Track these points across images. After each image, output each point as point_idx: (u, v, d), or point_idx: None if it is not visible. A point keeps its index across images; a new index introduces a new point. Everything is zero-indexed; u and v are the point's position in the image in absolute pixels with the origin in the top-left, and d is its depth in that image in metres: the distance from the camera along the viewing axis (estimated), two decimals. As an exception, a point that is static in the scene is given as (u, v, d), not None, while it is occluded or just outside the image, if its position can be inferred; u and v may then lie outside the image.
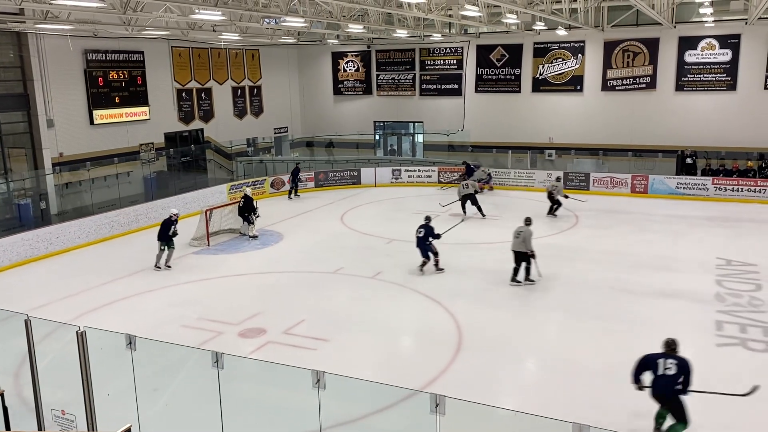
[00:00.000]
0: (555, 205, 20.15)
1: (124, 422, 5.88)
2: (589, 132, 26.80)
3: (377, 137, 32.41)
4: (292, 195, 24.11)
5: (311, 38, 29.25)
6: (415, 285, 13.70)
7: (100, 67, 23.05)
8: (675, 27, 24.35)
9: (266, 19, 19.30)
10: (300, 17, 18.58)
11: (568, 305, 12.60)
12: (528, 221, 13.99)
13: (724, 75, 24.39)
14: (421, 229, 14.44)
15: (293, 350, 10.52)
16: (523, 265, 13.56)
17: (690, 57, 24.85)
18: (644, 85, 25.81)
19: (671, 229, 18.43)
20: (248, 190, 18.81)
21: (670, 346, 7.80)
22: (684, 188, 22.70)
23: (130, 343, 6.70)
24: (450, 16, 21.20)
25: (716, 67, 24.47)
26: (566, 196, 20.49)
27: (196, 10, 15.77)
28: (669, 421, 7.83)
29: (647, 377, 7.80)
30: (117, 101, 23.75)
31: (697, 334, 11.00)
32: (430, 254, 14.51)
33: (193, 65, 27.28)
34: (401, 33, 25.20)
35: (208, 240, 17.49)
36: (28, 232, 16.68)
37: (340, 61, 32.35)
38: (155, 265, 15.27)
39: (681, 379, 7.61)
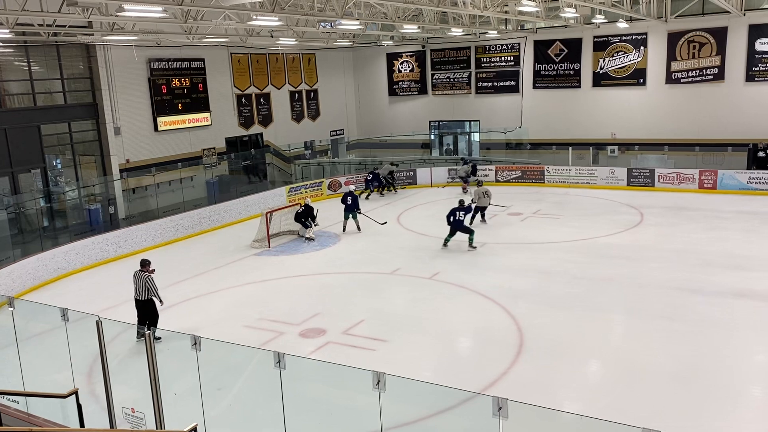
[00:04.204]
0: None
1: (190, 421, 6.02)
2: (654, 126, 25.91)
3: (433, 137, 32.28)
4: (385, 192, 24.82)
5: (366, 40, 29.39)
6: (474, 285, 13.54)
7: (163, 75, 23.80)
8: (744, 15, 23.26)
9: (322, 23, 19.51)
10: (355, 20, 18.72)
11: (632, 305, 12.20)
12: (480, 183, 18.65)
13: (799, 63, 23.16)
14: (460, 213, 16.07)
15: (353, 350, 10.56)
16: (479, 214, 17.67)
17: (761, 45, 23.67)
18: (711, 77, 24.76)
19: (743, 226, 17.60)
20: (309, 200, 19.06)
21: None
22: (756, 183, 21.65)
23: (195, 343, 6.85)
24: (506, 12, 20.89)
25: (790, 55, 23.26)
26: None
27: (254, 17, 16.09)
28: None
29: None
30: (180, 108, 24.46)
31: (773, 336, 10.48)
32: (461, 233, 16.10)
33: (252, 71, 27.83)
34: (456, 31, 25.03)
35: (268, 242, 17.79)
36: (98, 236, 17.36)
37: (395, 62, 32.38)
38: (343, 228, 18.60)
39: None
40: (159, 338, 9.43)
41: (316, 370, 7.83)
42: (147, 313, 11.34)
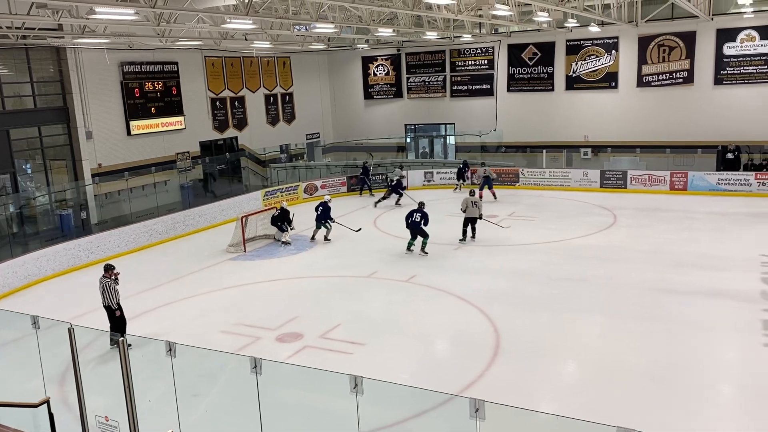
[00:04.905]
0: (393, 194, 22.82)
1: (165, 428, 5.95)
2: (626, 129, 26.31)
3: (409, 140, 32.38)
4: (363, 194, 25.04)
5: (341, 44, 29.40)
6: (450, 288, 13.59)
7: (135, 78, 23.53)
8: (712, 19, 23.75)
9: (297, 26, 19.47)
10: (330, 23, 18.71)
11: (607, 306, 12.36)
12: (473, 192, 17.60)
13: (766, 67, 23.69)
14: (417, 214, 15.92)
15: (330, 354, 10.53)
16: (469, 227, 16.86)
17: (729, 50, 24.21)
18: (681, 80, 25.24)
19: (713, 226, 17.96)
20: (285, 203, 18.97)
21: None
22: (726, 184, 22.10)
23: (170, 349, 6.77)
24: (480, 16, 21.06)
25: (757, 59, 23.79)
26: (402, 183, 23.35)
27: (228, 20, 15.99)
28: None
29: None
30: (153, 112, 24.21)
31: (743, 333, 10.69)
32: (419, 237, 15.99)
33: (226, 74, 27.65)
34: (431, 35, 25.15)
35: (244, 246, 17.67)
36: (69, 242, 17.08)
37: (370, 65, 32.43)
38: (312, 237, 18.14)
39: None
40: (129, 345, 9.29)
41: (292, 375, 7.78)
42: (112, 319, 11.16)
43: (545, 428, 6.09)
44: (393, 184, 23.51)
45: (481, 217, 17.17)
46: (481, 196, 21.90)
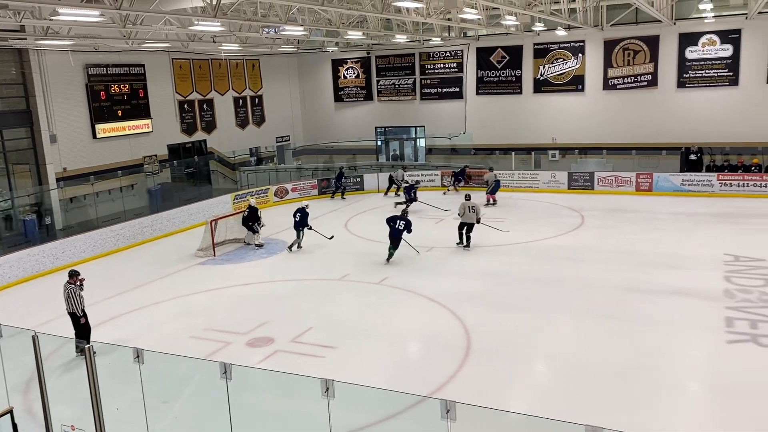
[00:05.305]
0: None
1: (133, 436, 5.86)
2: (592, 131, 26.74)
3: (379, 143, 32.43)
4: (335, 197, 24.94)
5: (311, 46, 29.32)
6: (422, 290, 13.65)
7: (101, 81, 23.14)
8: (675, 24, 24.30)
9: (265, 29, 19.35)
10: (299, 26, 18.65)
11: (576, 306, 12.54)
12: (468, 197, 17.04)
13: (726, 70, 24.32)
14: (400, 222, 15.51)
15: (302, 358, 10.48)
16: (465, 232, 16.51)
17: (691, 53, 24.79)
18: (645, 83, 25.75)
19: (678, 226, 18.34)
20: (252, 201, 18.84)
21: None
22: (689, 185, 22.61)
23: (138, 356, 6.68)
24: (449, 19, 21.21)
25: (717, 62, 24.40)
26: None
27: (196, 22, 15.82)
28: None
29: None
30: (119, 114, 23.83)
31: (707, 331, 10.94)
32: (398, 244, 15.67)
33: (194, 76, 27.36)
34: (400, 38, 25.24)
35: (213, 250, 17.49)
36: (33, 248, 16.69)
37: (340, 68, 32.40)
38: (289, 247, 17.49)
39: None
40: (94, 352, 9.12)
41: (263, 380, 7.73)
42: (77, 326, 10.95)
43: (516, 428, 6.15)
44: (407, 186, 22.82)
45: (479, 221, 16.77)
46: (495, 201, 22.30)
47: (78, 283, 11.07)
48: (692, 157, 23.93)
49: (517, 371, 9.90)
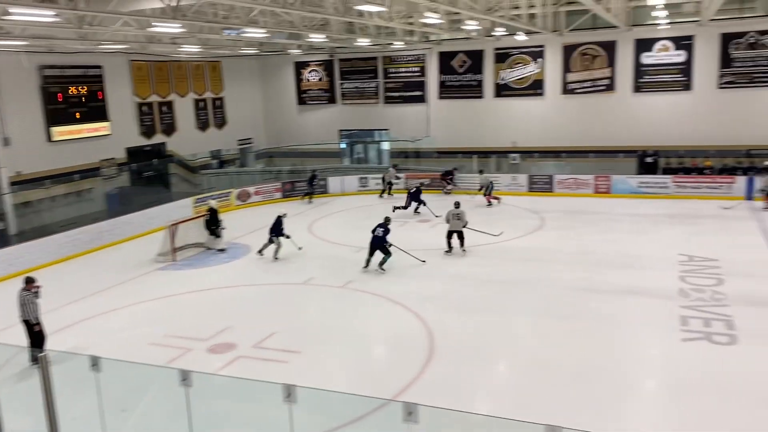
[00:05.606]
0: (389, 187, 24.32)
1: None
2: (552, 135, 27.18)
3: (343, 146, 32.39)
4: (315, 199, 24.71)
5: (273, 49, 29.13)
6: (386, 292, 13.67)
7: (57, 82, 22.60)
8: (631, 29, 24.88)
9: (226, 31, 19.17)
10: (261, 28, 18.51)
11: (537, 306, 12.72)
12: (458, 204, 16.76)
13: (680, 75, 25.02)
14: (380, 229, 15.12)
15: (264, 364, 10.39)
16: (456, 239, 16.33)
17: (646, 59, 25.43)
18: (603, 88, 26.31)
19: (635, 227, 18.78)
20: (213, 203, 18.60)
21: None
22: (645, 187, 23.16)
23: (95, 364, 6.54)
24: (411, 24, 21.34)
25: (672, 67, 25.09)
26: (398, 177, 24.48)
27: (154, 23, 15.58)
28: None
29: None
30: (76, 117, 23.31)
31: (663, 330, 11.21)
32: (381, 253, 15.09)
33: (154, 78, 26.93)
34: (363, 42, 25.28)
35: (174, 255, 17.21)
36: (-14, 254, 16.20)
37: (303, 70, 32.29)
38: (259, 251, 16.69)
39: None
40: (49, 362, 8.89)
41: (224, 386, 7.65)
42: (31, 334, 10.66)
43: (477, 429, 6.21)
44: (412, 191, 22.04)
45: (465, 226, 16.52)
46: (490, 201, 22.51)
47: (34, 290, 10.78)
48: (648, 159, 24.54)
49: (480, 372, 9.99)
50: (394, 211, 21.09)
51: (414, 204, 21.72)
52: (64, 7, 12.73)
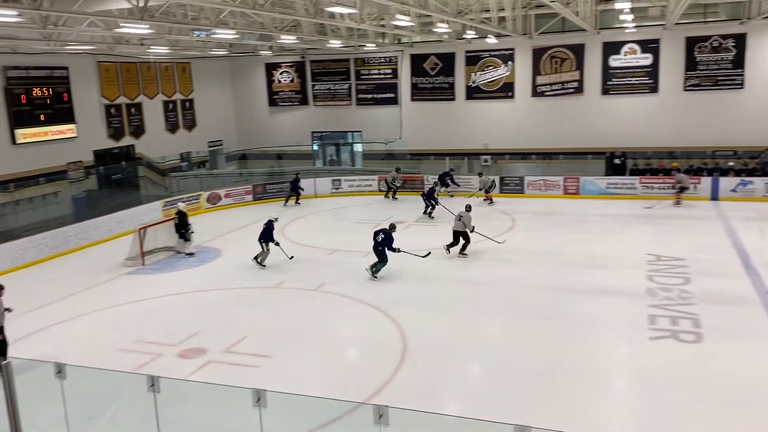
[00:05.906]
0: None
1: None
2: (522, 137, 27.46)
3: (316, 148, 32.28)
4: (291, 202, 24.35)
5: (243, 50, 28.91)
6: (358, 295, 13.65)
7: (21, 84, 22.13)
8: (599, 33, 25.27)
9: (196, 32, 18.96)
10: (230, 29, 18.37)
11: (508, 306, 12.83)
12: (468, 208, 16.76)
13: (647, 78, 25.49)
14: (381, 235, 14.73)
15: (235, 369, 10.29)
16: (461, 242, 16.20)
17: (614, 62, 25.85)
18: (572, 90, 26.67)
19: (604, 228, 19.05)
20: (182, 205, 18.38)
21: None
22: (614, 188, 23.51)
23: (60, 371, 6.40)
24: (383, 26, 21.37)
25: (639, 70, 25.54)
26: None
27: (122, 24, 15.35)
28: None
29: None
30: (42, 119, 22.85)
31: (631, 328, 11.38)
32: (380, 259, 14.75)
33: (122, 80, 26.54)
34: (335, 43, 25.23)
35: (143, 259, 16.96)
36: (-53, 260, 15.78)
37: (274, 72, 32.11)
38: (260, 263, 16.03)
39: None
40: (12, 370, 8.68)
41: (193, 392, 7.56)
42: None
43: (448, 429, 6.23)
44: (426, 192, 21.50)
45: (473, 230, 16.29)
46: (491, 199, 22.88)
47: None
48: (616, 161, 24.92)
49: (452, 372, 10.02)
50: (431, 216, 20.80)
51: (432, 203, 20.97)
52: (27, 7, 12.46)
